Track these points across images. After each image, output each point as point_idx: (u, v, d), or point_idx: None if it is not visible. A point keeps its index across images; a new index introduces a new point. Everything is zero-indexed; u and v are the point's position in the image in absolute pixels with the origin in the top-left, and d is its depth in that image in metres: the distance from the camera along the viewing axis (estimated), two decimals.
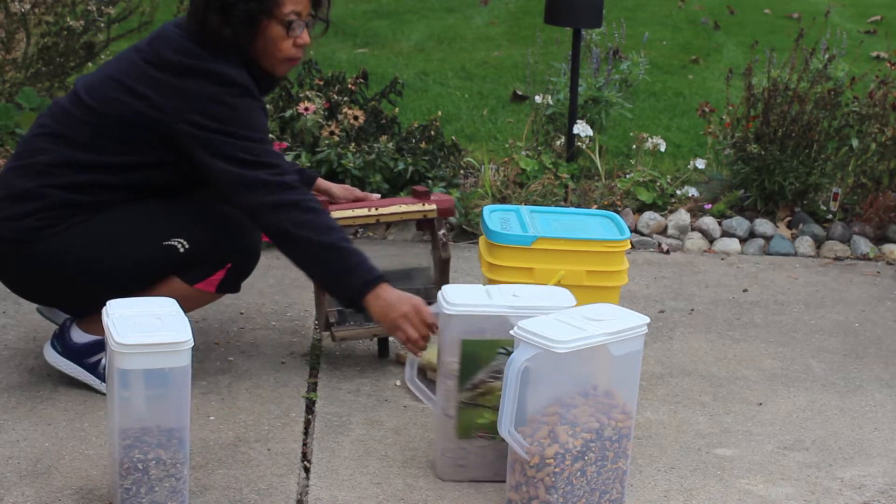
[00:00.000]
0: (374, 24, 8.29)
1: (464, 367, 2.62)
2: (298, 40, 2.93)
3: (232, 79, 2.84)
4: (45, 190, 2.85)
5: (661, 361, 3.42)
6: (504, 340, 2.57)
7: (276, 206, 2.80)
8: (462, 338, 2.60)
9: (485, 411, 2.64)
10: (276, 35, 2.90)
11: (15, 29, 4.97)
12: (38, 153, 2.90)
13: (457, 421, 2.65)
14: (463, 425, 2.65)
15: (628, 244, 3.01)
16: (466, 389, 2.64)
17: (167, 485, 2.45)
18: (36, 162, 2.88)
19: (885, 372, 3.42)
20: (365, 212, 3.19)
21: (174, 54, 2.85)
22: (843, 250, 4.45)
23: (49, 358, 3.02)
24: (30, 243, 2.85)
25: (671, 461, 2.84)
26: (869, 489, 2.76)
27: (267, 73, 2.97)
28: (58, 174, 2.86)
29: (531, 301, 2.62)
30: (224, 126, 2.81)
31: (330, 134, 4.44)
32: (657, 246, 4.42)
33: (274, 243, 2.87)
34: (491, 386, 2.62)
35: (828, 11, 5.60)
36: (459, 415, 2.65)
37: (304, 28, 2.93)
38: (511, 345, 2.49)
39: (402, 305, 2.77)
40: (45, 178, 2.86)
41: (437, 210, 3.22)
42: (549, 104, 5.02)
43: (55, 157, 2.87)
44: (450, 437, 2.66)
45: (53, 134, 2.91)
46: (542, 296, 2.67)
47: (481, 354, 2.61)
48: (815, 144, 4.54)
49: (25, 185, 2.86)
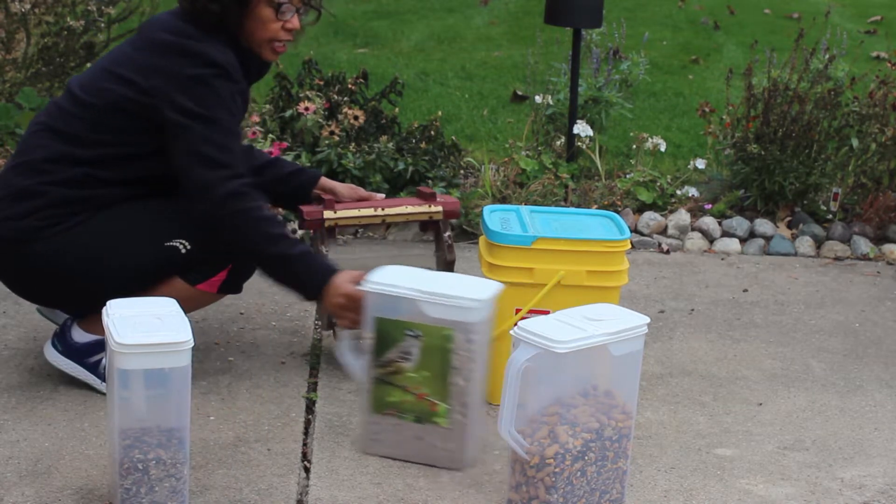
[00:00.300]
0: (374, 24, 8.29)
1: (377, 344, 2.70)
2: (288, 24, 2.93)
3: (213, 59, 2.83)
4: (45, 188, 2.85)
5: (661, 361, 3.42)
6: (412, 323, 2.66)
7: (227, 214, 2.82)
8: (375, 315, 2.69)
9: (394, 390, 2.72)
10: (265, 16, 2.91)
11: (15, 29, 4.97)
12: (34, 150, 2.90)
13: (371, 395, 2.74)
14: (375, 400, 2.74)
15: (628, 244, 3.01)
16: (379, 366, 2.72)
17: (167, 485, 2.45)
18: (33, 159, 2.89)
19: (885, 372, 3.42)
20: (371, 212, 3.18)
21: (160, 32, 2.88)
22: (844, 250, 4.45)
23: (50, 357, 3.02)
24: (30, 243, 2.85)
25: (671, 461, 2.84)
26: (869, 489, 2.76)
27: (256, 56, 2.97)
28: (55, 170, 2.86)
29: (443, 289, 2.67)
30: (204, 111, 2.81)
31: (330, 134, 4.44)
32: (657, 246, 4.42)
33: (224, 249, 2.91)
34: (400, 366, 2.70)
35: (828, 11, 5.59)
36: (373, 389, 2.73)
37: (294, 13, 2.94)
38: (419, 328, 2.64)
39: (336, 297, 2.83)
40: (43, 175, 2.86)
41: (442, 212, 3.22)
42: (549, 104, 5.02)
43: (52, 152, 2.88)
44: (365, 410, 2.77)
45: (50, 130, 2.91)
46: (461, 286, 2.71)
47: (391, 334, 2.69)
48: (815, 144, 4.54)
49: (24, 182, 2.87)
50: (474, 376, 2.69)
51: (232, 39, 2.91)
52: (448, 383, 2.68)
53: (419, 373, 2.69)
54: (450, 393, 2.69)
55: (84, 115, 2.89)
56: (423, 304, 2.64)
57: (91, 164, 2.87)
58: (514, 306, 2.97)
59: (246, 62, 2.94)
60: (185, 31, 2.86)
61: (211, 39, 2.86)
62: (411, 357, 2.68)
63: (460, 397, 2.69)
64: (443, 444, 2.72)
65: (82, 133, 2.87)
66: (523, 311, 2.95)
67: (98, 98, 2.88)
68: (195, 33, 2.86)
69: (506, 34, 8.19)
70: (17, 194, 2.87)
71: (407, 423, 2.73)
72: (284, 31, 2.94)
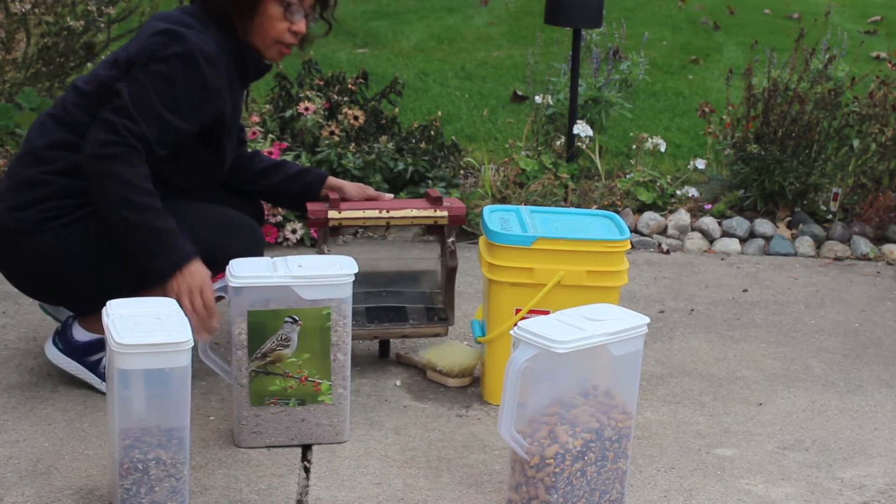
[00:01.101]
0: (374, 24, 8.29)
1: (251, 337, 2.73)
2: (294, 27, 2.94)
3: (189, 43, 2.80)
4: (48, 177, 2.86)
5: (661, 361, 3.42)
6: (289, 310, 2.71)
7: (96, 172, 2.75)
8: (248, 309, 2.71)
9: (276, 378, 2.76)
10: (273, 14, 2.92)
11: (15, 29, 4.97)
12: (37, 138, 2.93)
13: (249, 389, 2.77)
14: (255, 393, 2.77)
15: (628, 244, 3.01)
16: (256, 359, 2.75)
17: (167, 485, 2.45)
18: (35, 146, 2.92)
19: (885, 372, 3.42)
20: (376, 213, 3.18)
21: (157, 21, 2.90)
22: (843, 250, 4.45)
23: (50, 355, 3.02)
24: (33, 235, 2.86)
25: (671, 461, 2.84)
26: (869, 489, 2.76)
27: (256, 57, 2.97)
28: (57, 157, 2.87)
29: (314, 271, 2.73)
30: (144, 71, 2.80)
31: (330, 134, 4.44)
32: (657, 246, 4.42)
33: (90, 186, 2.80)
34: (279, 354, 2.75)
35: (828, 11, 5.60)
36: (251, 383, 2.76)
37: (302, 16, 2.94)
38: (296, 313, 2.71)
39: (188, 279, 2.75)
40: (45, 164, 2.87)
41: (448, 217, 3.21)
42: (549, 104, 5.02)
43: (53, 139, 2.90)
44: (243, 406, 2.78)
45: (52, 119, 2.95)
46: (325, 265, 2.77)
47: (267, 324, 2.72)
48: (815, 144, 4.54)
49: (28, 172, 2.89)
50: (348, 350, 2.79)
51: (234, 37, 2.92)
52: (329, 361, 2.77)
53: (299, 356, 2.76)
54: (332, 370, 2.78)
55: (81, 103, 2.92)
56: (299, 289, 2.70)
57: None
58: (514, 306, 2.97)
59: (244, 61, 2.95)
60: (181, 20, 2.87)
61: (205, 33, 2.86)
62: (290, 343, 2.74)
63: (341, 371, 2.79)
64: (328, 420, 2.81)
65: (80, 119, 2.89)
66: (523, 311, 2.95)
67: (92, 84, 2.92)
68: (191, 23, 2.87)
69: (506, 34, 8.19)
70: (21, 184, 2.88)
71: (290, 408, 2.79)
72: (290, 33, 2.95)
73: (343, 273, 2.75)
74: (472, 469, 2.75)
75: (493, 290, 3.01)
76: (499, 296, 3.00)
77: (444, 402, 3.09)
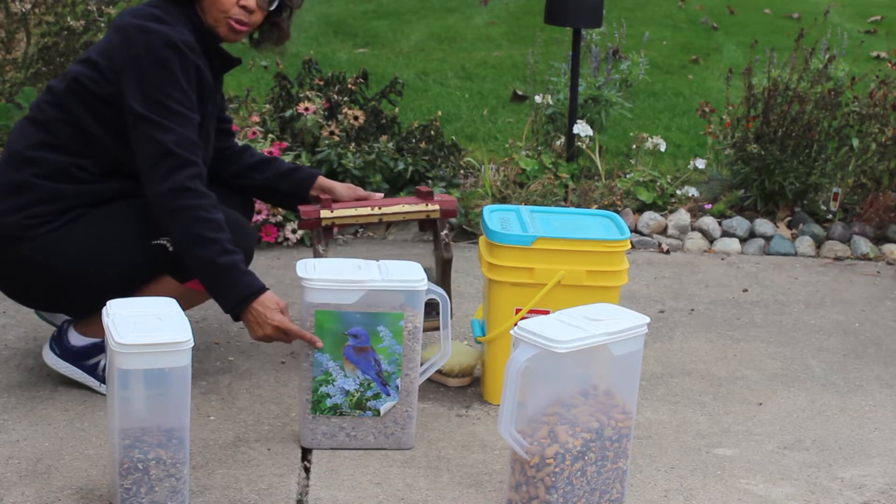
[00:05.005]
0: (374, 24, 8.29)
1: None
2: (242, 1, 2.93)
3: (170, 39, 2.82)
4: (33, 180, 2.86)
5: (661, 361, 3.42)
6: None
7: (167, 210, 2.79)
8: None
9: None
10: None
11: (15, 29, 4.97)
12: (16, 141, 2.95)
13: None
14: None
15: (628, 244, 3.01)
16: None
17: (167, 485, 2.45)
18: (16, 149, 2.93)
19: (885, 372, 3.42)
20: (368, 211, 3.18)
21: (126, 17, 2.90)
22: (843, 250, 4.45)
23: (48, 361, 3.02)
24: (20, 241, 2.85)
25: (671, 461, 2.84)
26: (869, 489, 2.76)
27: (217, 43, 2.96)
28: (39, 159, 2.88)
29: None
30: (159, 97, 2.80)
31: (330, 134, 4.44)
32: (657, 246, 4.42)
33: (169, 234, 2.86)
34: None
35: (828, 11, 5.60)
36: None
37: None
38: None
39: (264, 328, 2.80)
40: (28, 167, 2.88)
41: (439, 211, 3.22)
42: (549, 104, 5.02)
43: (30, 140, 2.91)
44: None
45: (28, 120, 2.96)
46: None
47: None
48: (815, 144, 4.54)
49: (13, 176, 2.89)
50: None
51: (196, 24, 2.92)
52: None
53: None
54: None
55: (52, 100, 2.93)
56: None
57: (68, 152, 2.88)
58: (514, 306, 2.97)
59: (209, 50, 2.95)
60: (149, 14, 2.88)
61: (174, 22, 2.86)
62: None
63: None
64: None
65: (52, 116, 2.91)
66: (523, 311, 2.95)
67: (63, 81, 2.93)
68: (159, 15, 2.87)
69: (506, 34, 8.19)
70: (7, 188, 2.88)
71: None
72: (239, 7, 2.94)
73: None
74: (471, 469, 2.75)
75: (493, 290, 3.01)
76: (499, 296, 3.00)
77: (444, 402, 3.09)
